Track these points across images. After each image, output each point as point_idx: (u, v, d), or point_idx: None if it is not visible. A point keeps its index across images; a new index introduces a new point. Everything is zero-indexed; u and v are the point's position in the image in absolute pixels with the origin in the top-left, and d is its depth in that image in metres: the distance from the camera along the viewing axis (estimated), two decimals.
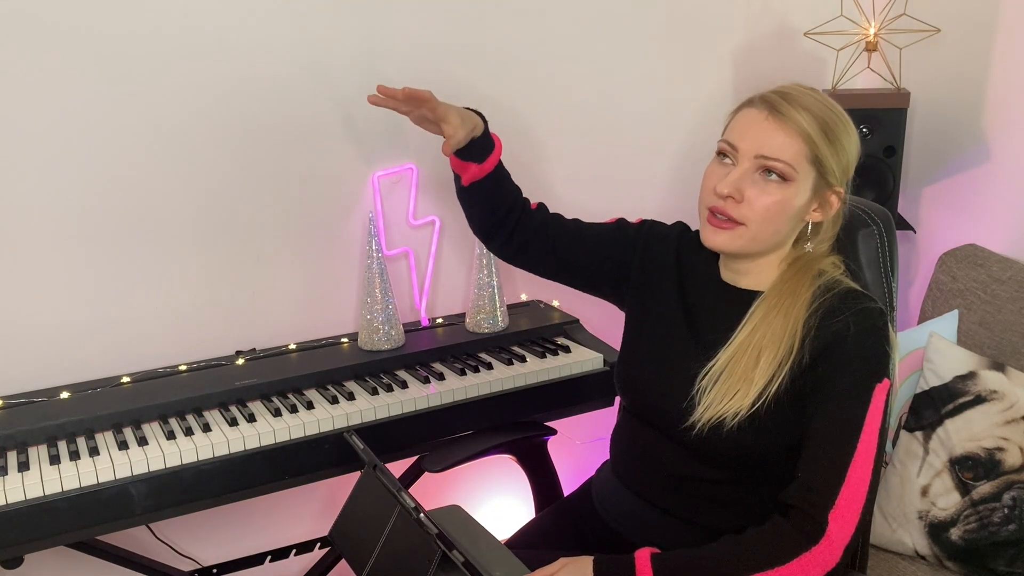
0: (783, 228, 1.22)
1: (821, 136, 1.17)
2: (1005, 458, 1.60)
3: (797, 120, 1.17)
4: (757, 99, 1.22)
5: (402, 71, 1.83)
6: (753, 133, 1.19)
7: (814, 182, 1.20)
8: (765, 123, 1.19)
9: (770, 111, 1.19)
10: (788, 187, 1.18)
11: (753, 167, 1.19)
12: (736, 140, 1.21)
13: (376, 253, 1.75)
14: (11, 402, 1.57)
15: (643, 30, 2.05)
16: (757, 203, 1.19)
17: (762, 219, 1.19)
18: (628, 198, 2.13)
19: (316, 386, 1.67)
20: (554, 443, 1.79)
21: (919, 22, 2.00)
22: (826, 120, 1.18)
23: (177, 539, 1.85)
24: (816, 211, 1.23)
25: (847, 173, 1.23)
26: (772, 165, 1.18)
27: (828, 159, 1.18)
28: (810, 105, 1.19)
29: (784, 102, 1.19)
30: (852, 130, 1.22)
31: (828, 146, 1.18)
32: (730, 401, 1.18)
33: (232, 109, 1.70)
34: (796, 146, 1.17)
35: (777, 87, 1.23)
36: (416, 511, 1.18)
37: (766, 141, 1.18)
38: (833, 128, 1.19)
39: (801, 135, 1.17)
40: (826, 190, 1.22)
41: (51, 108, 1.57)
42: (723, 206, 1.21)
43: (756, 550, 1.10)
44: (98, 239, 1.65)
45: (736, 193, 1.19)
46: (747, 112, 1.22)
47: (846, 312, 1.17)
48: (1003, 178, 2.03)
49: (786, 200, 1.19)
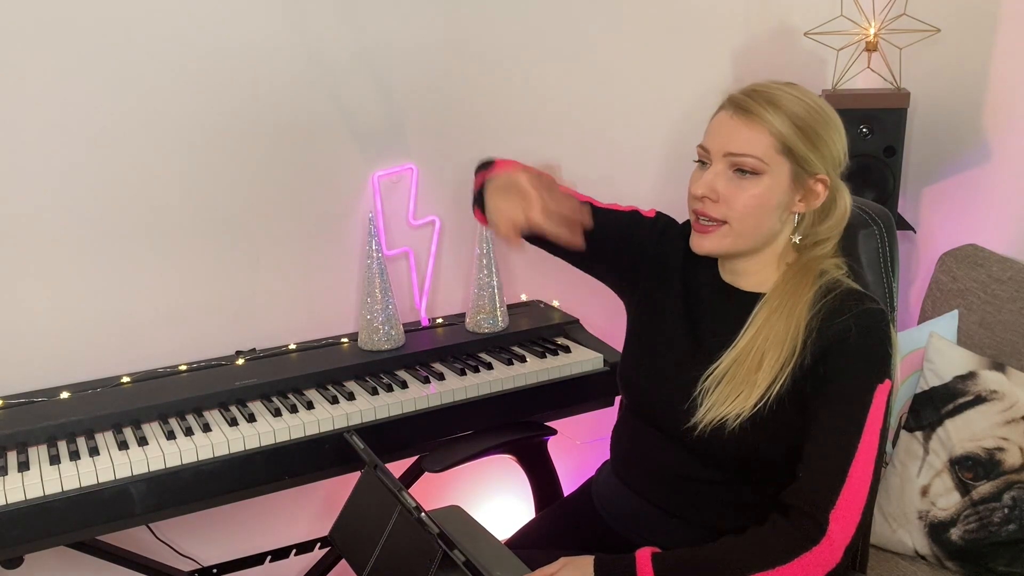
0: (766, 221, 1.22)
1: (789, 126, 1.18)
2: (1005, 458, 1.60)
3: (761, 114, 1.18)
4: (727, 100, 1.24)
5: (402, 71, 1.83)
6: (721, 133, 1.22)
7: (791, 172, 1.20)
8: (731, 121, 1.21)
9: (735, 110, 1.21)
10: (761, 180, 1.19)
11: (725, 166, 1.21)
12: (707, 143, 1.24)
13: (376, 253, 1.75)
14: (11, 402, 1.57)
15: (643, 30, 2.05)
16: (734, 200, 1.20)
17: (742, 215, 1.20)
18: (627, 198, 2.13)
19: (316, 386, 1.67)
20: (554, 443, 1.79)
21: (919, 22, 2.00)
22: (796, 112, 1.19)
23: (177, 539, 1.85)
24: (801, 201, 1.23)
25: (834, 161, 1.22)
26: (741, 161, 1.19)
27: (800, 147, 1.19)
28: (778, 99, 1.19)
29: (749, 99, 1.20)
30: (831, 118, 1.22)
31: (799, 135, 1.18)
32: (733, 403, 1.18)
33: (232, 109, 1.70)
34: (763, 140, 1.18)
35: (747, 86, 1.24)
36: (417, 511, 1.18)
37: (732, 139, 1.20)
38: (804, 118, 1.19)
39: (767, 128, 1.18)
40: (807, 179, 1.21)
41: (51, 109, 1.57)
42: (702, 207, 1.23)
43: (757, 550, 1.10)
44: (98, 239, 1.65)
45: (711, 192, 1.21)
46: (718, 115, 1.25)
47: (848, 313, 1.17)
48: (1003, 178, 2.03)
49: (762, 193, 1.20)
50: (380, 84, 1.82)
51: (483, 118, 1.95)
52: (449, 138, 1.92)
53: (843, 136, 1.24)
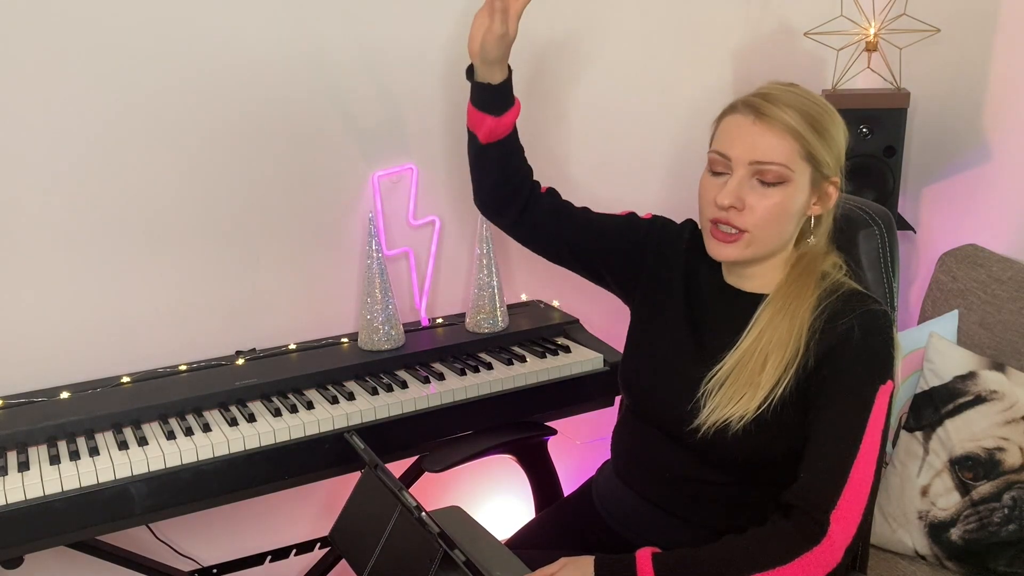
0: (787, 228, 1.22)
1: (810, 130, 1.17)
2: (1005, 458, 1.60)
3: (784, 119, 1.17)
4: (740, 104, 1.21)
5: (402, 71, 1.83)
6: (743, 139, 1.19)
7: (811, 177, 1.20)
8: (753, 127, 1.18)
9: (756, 115, 1.18)
10: (787, 188, 1.18)
11: (749, 173, 1.19)
12: (727, 149, 1.20)
13: (376, 253, 1.75)
14: (11, 402, 1.57)
15: (643, 30, 2.05)
16: (759, 208, 1.19)
17: (765, 224, 1.19)
18: (627, 198, 2.13)
19: (316, 386, 1.67)
20: (554, 443, 1.78)
21: (919, 22, 2.00)
22: (811, 113, 1.18)
23: (177, 539, 1.85)
24: (816, 204, 1.23)
25: (840, 161, 1.23)
26: (768, 169, 1.17)
27: (820, 152, 1.18)
28: (793, 102, 1.18)
29: (767, 103, 1.18)
30: (837, 118, 1.23)
31: (818, 139, 1.18)
32: (736, 404, 1.18)
33: (233, 109, 1.70)
34: (788, 145, 1.17)
35: (756, 89, 1.22)
36: (417, 510, 1.18)
37: (758, 145, 1.18)
38: (819, 120, 1.19)
39: (791, 133, 1.17)
40: (823, 182, 1.22)
41: (51, 109, 1.56)
42: (726, 216, 1.20)
43: (757, 550, 1.10)
44: (98, 239, 1.65)
45: (737, 202, 1.19)
46: (732, 119, 1.22)
47: (850, 314, 1.17)
48: (1003, 178, 2.03)
49: (786, 201, 1.19)
50: (380, 84, 1.82)
51: None
52: (449, 138, 1.91)
53: (847, 134, 1.24)
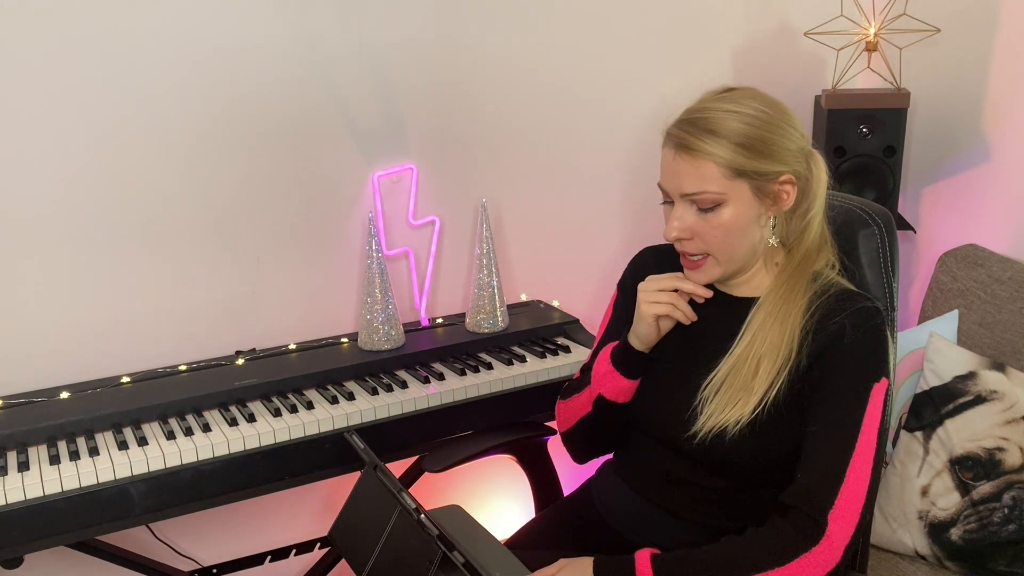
0: (747, 239, 1.21)
1: (737, 151, 1.15)
2: (1005, 458, 1.60)
3: (704, 149, 1.16)
4: (667, 134, 1.22)
5: (402, 70, 1.83)
6: (670, 175, 1.21)
7: (751, 188, 1.18)
8: (675, 162, 1.19)
9: (676, 147, 1.19)
10: (727, 208, 1.18)
11: (686, 203, 1.20)
12: (662, 182, 1.23)
13: (376, 253, 1.75)
14: (11, 402, 1.57)
15: (643, 30, 2.05)
16: (708, 234, 1.20)
17: (721, 244, 1.20)
18: (627, 198, 2.13)
19: (316, 386, 1.67)
20: (554, 443, 1.78)
21: (919, 22, 2.00)
22: (736, 130, 1.16)
23: (177, 539, 1.85)
24: (773, 207, 1.21)
25: (795, 153, 1.19)
26: (698, 200, 1.18)
27: (755, 165, 1.16)
28: (715, 124, 1.16)
29: (688, 134, 1.17)
30: (774, 118, 1.18)
31: (749, 154, 1.16)
32: (732, 410, 1.17)
33: (232, 109, 1.70)
34: (711, 172, 1.16)
35: (685, 111, 1.21)
36: (417, 511, 1.18)
37: (682, 180, 1.18)
38: (747, 133, 1.16)
39: (713, 160, 1.16)
40: (771, 186, 1.19)
41: (51, 109, 1.57)
42: (681, 247, 1.23)
43: (756, 550, 1.10)
44: (98, 239, 1.65)
45: (684, 233, 1.21)
46: (663, 151, 1.22)
47: (841, 313, 1.17)
48: (1003, 178, 2.03)
49: (732, 219, 1.18)
50: (380, 84, 1.82)
51: (483, 118, 1.94)
52: (449, 138, 1.92)
53: (795, 125, 1.20)
